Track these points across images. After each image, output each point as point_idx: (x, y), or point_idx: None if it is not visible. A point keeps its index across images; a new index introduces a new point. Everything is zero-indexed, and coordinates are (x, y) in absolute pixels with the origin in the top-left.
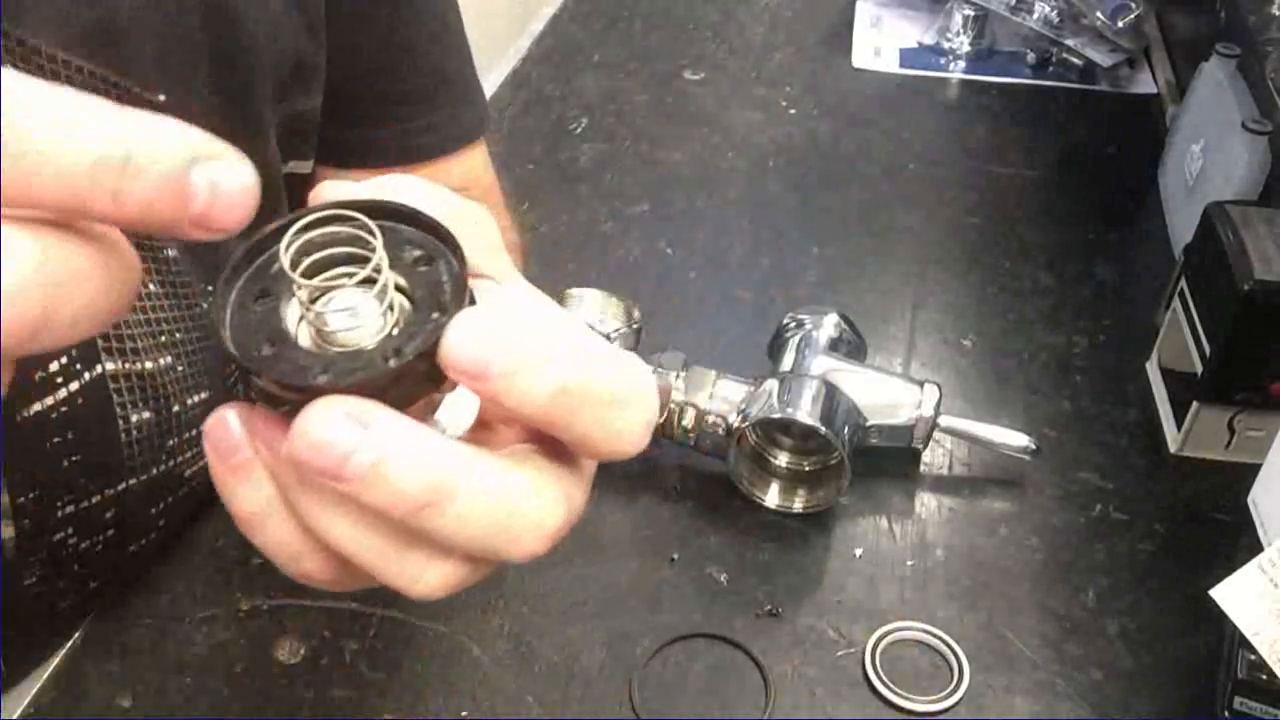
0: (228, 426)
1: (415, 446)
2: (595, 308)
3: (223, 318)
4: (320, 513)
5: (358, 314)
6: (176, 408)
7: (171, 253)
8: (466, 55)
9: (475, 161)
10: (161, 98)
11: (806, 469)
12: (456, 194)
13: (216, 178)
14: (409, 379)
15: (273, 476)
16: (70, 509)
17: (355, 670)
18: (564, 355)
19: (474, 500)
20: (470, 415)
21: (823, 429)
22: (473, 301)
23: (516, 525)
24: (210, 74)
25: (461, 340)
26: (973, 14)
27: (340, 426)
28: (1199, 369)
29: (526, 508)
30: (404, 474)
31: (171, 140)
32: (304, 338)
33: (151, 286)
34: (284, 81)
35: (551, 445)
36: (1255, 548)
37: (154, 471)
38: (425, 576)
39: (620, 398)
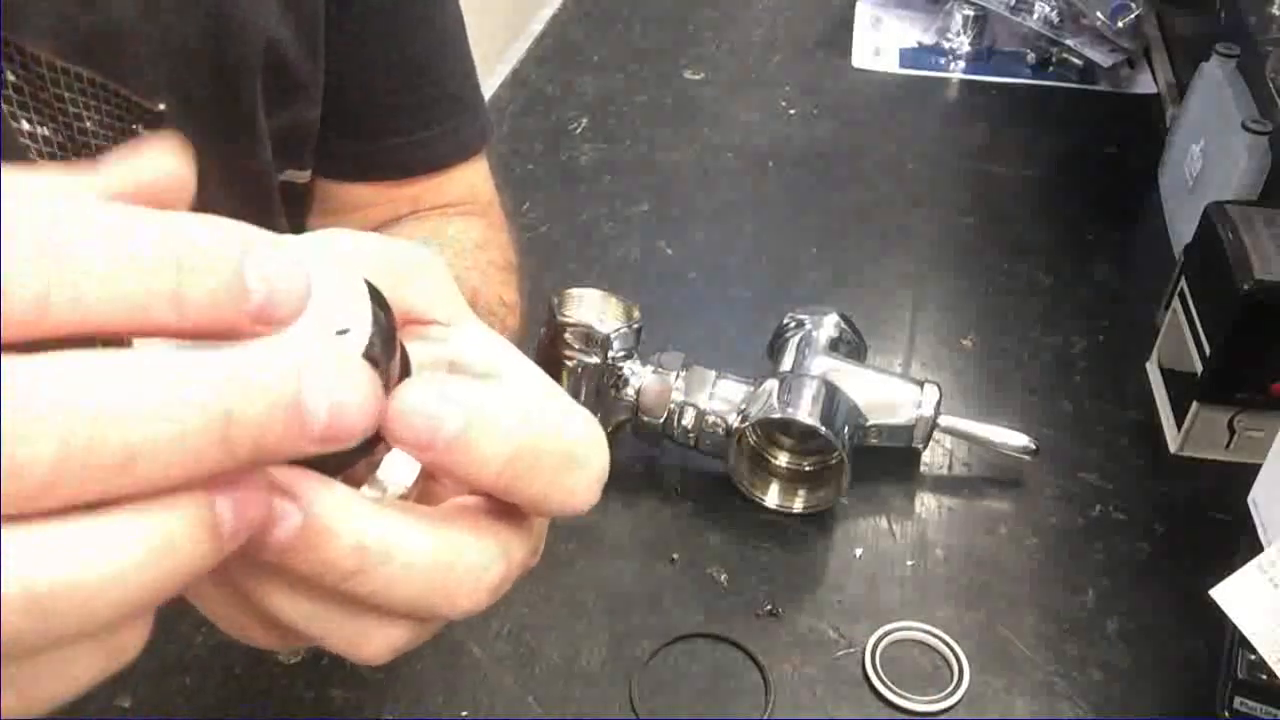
0: None
1: (343, 514)
2: (595, 308)
3: None
4: (255, 585)
5: None
6: None
7: (160, 106)
8: (469, 68)
9: (475, 176)
10: (160, 106)
11: (806, 469)
12: (405, 241)
13: (268, 271)
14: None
15: None
16: None
17: (355, 670)
18: (514, 422)
19: (405, 563)
20: (413, 471)
21: (823, 429)
22: (405, 358)
23: (450, 584)
24: (206, 83)
25: (404, 412)
26: (973, 14)
27: (264, 494)
28: (1199, 369)
29: (460, 566)
30: (331, 542)
31: (221, 238)
32: None
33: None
34: (279, 93)
35: (494, 500)
36: (1255, 548)
37: None
38: (370, 642)
39: (573, 458)
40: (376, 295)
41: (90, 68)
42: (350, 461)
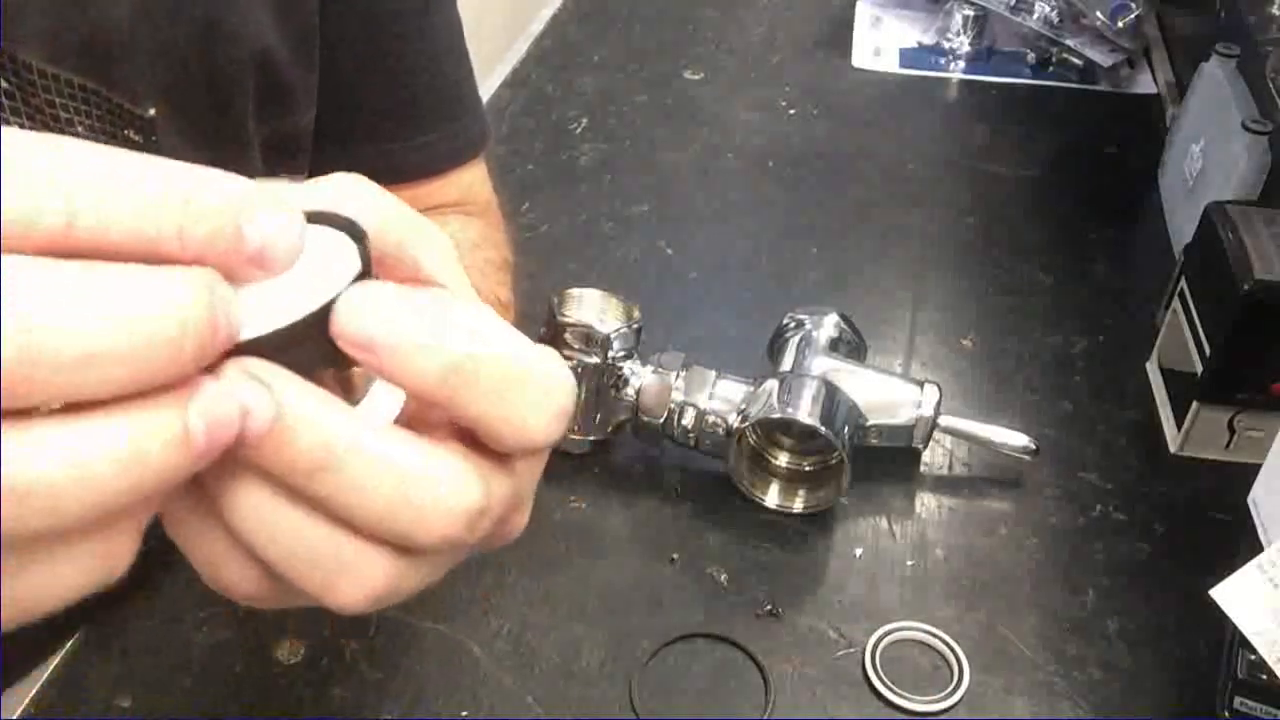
0: None
1: (312, 407)
2: (595, 308)
3: None
4: (224, 490)
5: None
6: None
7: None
8: (466, 71)
9: (472, 178)
10: (151, 112)
11: (806, 469)
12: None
13: (265, 226)
14: (304, 348)
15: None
16: None
17: (355, 670)
18: (456, 333)
19: (371, 462)
20: (391, 410)
21: (823, 429)
22: None
23: (422, 496)
24: (197, 89)
25: (349, 310)
26: (973, 14)
27: (241, 383)
28: (1199, 369)
29: (430, 481)
30: (300, 432)
31: (221, 186)
32: None
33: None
34: (270, 99)
35: (472, 438)
36: (1255, 548)
37: None
38: (345, 576)
39: (517, 379)
40: (364, 248)
41: (81, 74)
42: (312, 368)
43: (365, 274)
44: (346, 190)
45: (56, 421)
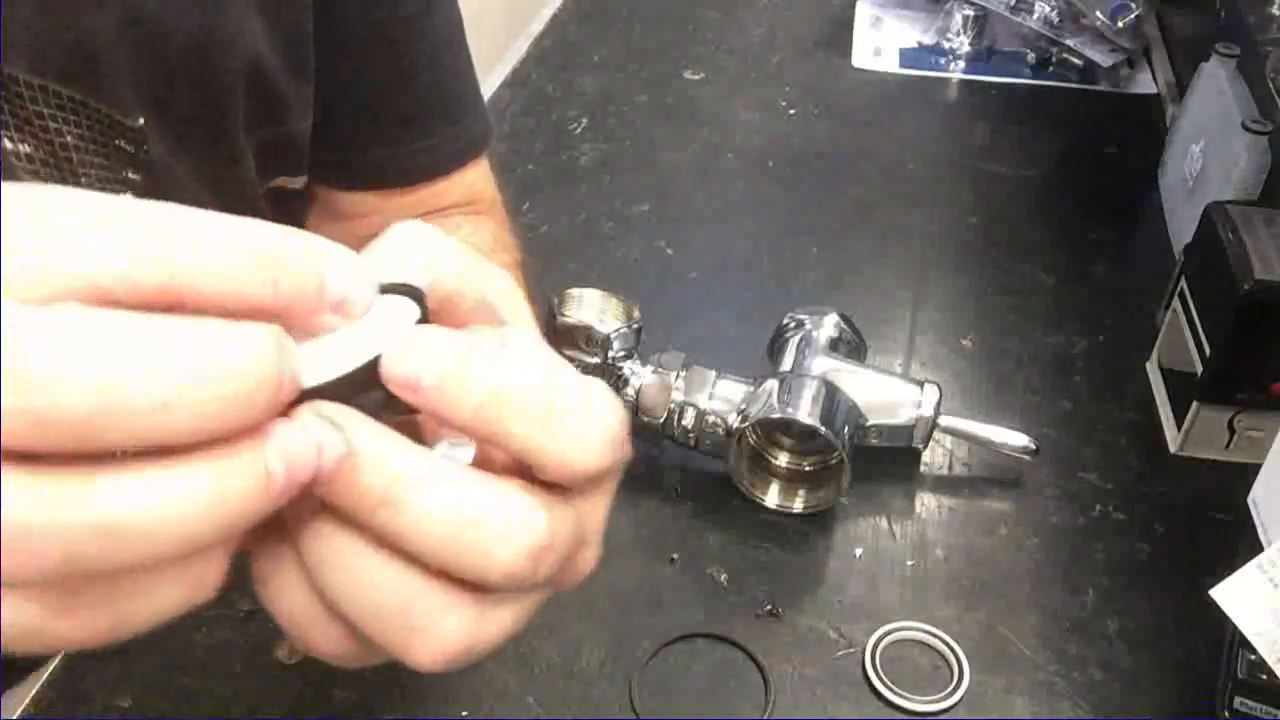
0: None
1: (379, 442)
2: (595, 308)
3: None
4: (309, 541)
5: None
6: None
7: (140, 123)
8: (467, 70)
9: (477, 177)
10: (140, 122)
11: (806, 469)
12: (475, 251)
13: (342, 279)
14: (366, 394)
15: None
16: None
17: (355, 671)
18: (493, 367)
19: (435, 498)
20: (460, 458)
21: (823, 429)
22: None
23: (485, 531)
24: (187, 100)
25: (395, 354)
26: (973, 14)
27: (314, 423)
28: (1199, 369)
29: (493, 513)
30: (368, 467)
31: (305, 245)
32: None
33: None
34: (264, 108)
35: (531, 474)
36: (1255, 548)
37: None
38: (424, 625)
39: (556, 409)
40: (422, 304)
41: (69, 85)
42: (379, 414)
43: (423, 322)
44: (406, 242)
45: (148, 465)
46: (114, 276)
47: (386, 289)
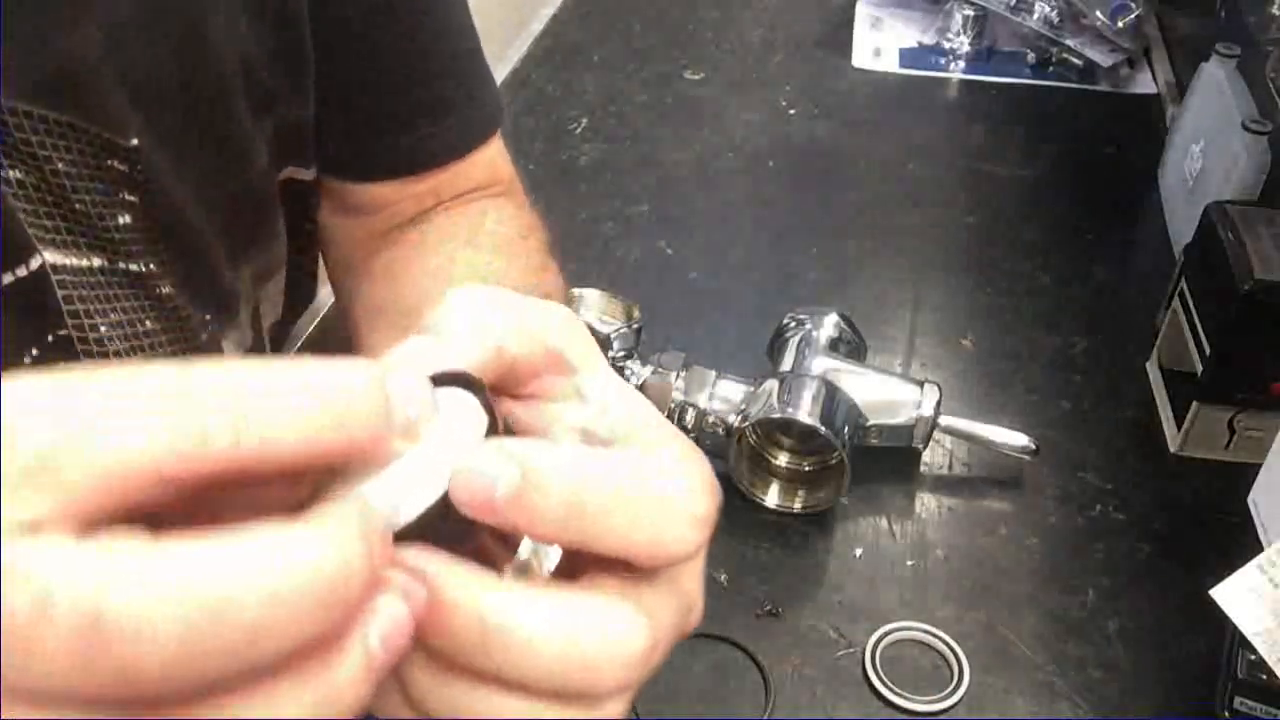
0: None
1: (461, 586)
2: (595, 308)
3: None
4: (417, 687)
5: None
6: None
7: (167, 289)
8: (474, 48)
9: (493, 155)
10: (134, 142)
11: (806, 469)
12: (531, 296)
13: (405, 401)
14: (448, 521)
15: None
16: None
17: None
18: (569, 471)
19: (528, 632)
20: (550, 557)
21: (823, 429)
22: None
23: (586, 655)
24: (180, 110)
25: (462, 483)
26: (973, 14)
27: (403, 581)
28: (1199, 369)
29: (592, 634)
30: (453, 614)
31: (366, 375)
32: None
33: (149, 324)
34: (260, 105)
35: (629, 566)
36: (1255, 548)
37: None
38: None
39: (645, 500)
40: (484, 396)
41: (56, 108)
42: (467, 534)
43: (489, 421)
44: (463, 312)
45: (256, 693)
46: (182, 443)
47: (440, 379)
